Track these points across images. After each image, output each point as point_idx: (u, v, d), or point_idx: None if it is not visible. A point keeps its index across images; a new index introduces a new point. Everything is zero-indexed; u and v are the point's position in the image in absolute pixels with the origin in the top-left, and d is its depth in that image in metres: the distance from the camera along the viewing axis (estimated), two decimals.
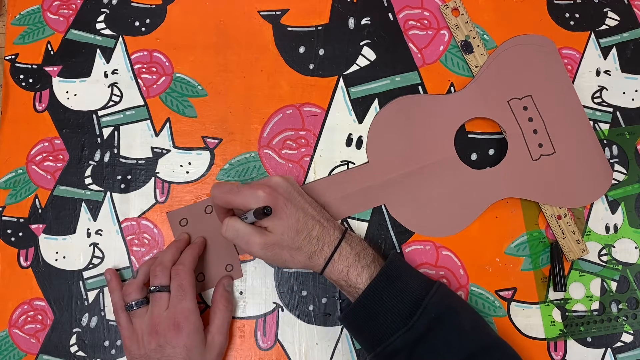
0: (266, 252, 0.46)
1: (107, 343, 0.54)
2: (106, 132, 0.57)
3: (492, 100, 0.55)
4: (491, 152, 0.55)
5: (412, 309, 0.44)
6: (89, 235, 0.56)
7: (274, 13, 0.58)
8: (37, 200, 0.56)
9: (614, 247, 0.54)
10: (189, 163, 0.56)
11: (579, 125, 0.54)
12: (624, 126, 0.55)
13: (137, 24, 0.59)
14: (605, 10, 0.57)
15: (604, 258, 0.54)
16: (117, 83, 0.58)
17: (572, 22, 0.57)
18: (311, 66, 0.57)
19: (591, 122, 0.55)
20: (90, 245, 0.55)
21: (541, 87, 0.55)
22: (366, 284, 0.46)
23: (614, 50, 0.57)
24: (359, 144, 0.56)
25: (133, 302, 0.49)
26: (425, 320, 0.44)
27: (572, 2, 0.58)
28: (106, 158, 0.57)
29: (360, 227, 0.55)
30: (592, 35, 0.57)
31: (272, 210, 0.43)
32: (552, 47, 0.56)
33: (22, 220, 0.56)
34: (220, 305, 0.51)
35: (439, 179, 0.54)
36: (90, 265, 0.55)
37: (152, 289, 0.49)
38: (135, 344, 0.49)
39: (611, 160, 0.55)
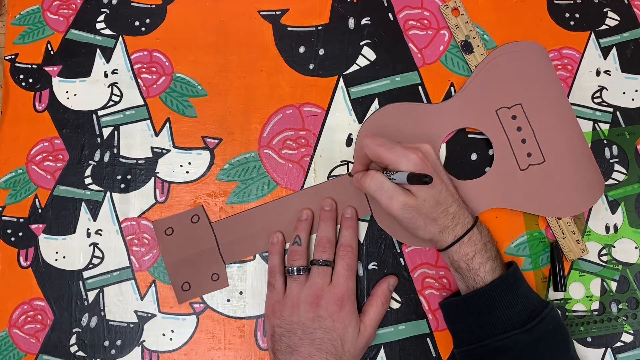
0: (404, 213, 0.47)
1: (107, 343, 0.54)
2: (106, 132, 0.57)
3: (480, 109, 0.54)
4: (491, 152, 0.55)
5: (531, 314, 0.46)
6: (88, 235, 0.56)
7: (274, 13, 0.58)
8: (37, 200, 0.56)
9: (614, 247, 0.54)
10: (189, 163, 0.56)
11: (571, 133, 0.54)
12: (624, 126, 0.55)
13: (137, 23, 0.59)
14: (605, 10, 0.57)
15: (604, 258, 0.54)
16: (117, 83, 0.58)
17: (572, 22, 0.57)
18: (311, 66, 0.57)
19: (591, 122, 0.55)
20: (90, 245, 0.55)
21: (532, 95, 0.54)
22: (488, 274, 0.47)
23: (614, 50, 0.57)
24: None
25: (296, 267, 0.51)
26: (542, 328, 0.45)
27: (572, 2, 0.58)
28: (106, 158, 0.57)
29: (361, 227, 0.55)
30: (592, 35, 0.57)
31: (432, 180, 0.43)
32: (543, 53, 0.55)
33: (22, 220, 0.56)
34: (379, 301, 0.52)
35: None
36: (90, 265, 0.55)
37: (318, 261, 0.51)
38: (288, 309, 0.50)
39: (611, 160, 0.55)
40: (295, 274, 0.51)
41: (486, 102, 0.55)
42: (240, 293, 0.55)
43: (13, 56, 0.59)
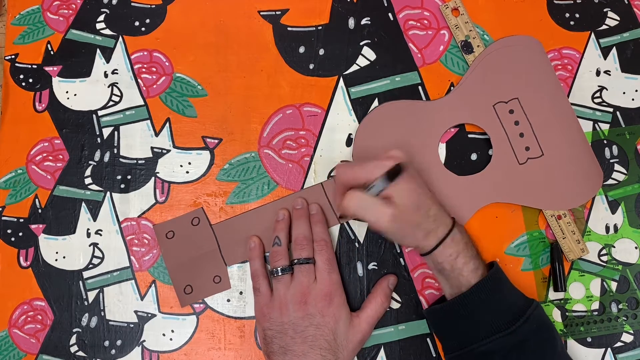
0: (393, 224, 0.46)
1: (107, 343, 0.54)
2: (106, 132, 0.57)
3: (477, 105, 0.55)
4: (491, 152, 0.55)
5: (515, 315, 0.45)
6: (88, 235, 0.56)
7: (274, 13, 0.58)
8: (37, 200, 0.56)
9: (614, 247, 0.54)
10: (189, 163, 0.56)
11: (568, 126, 0.54)
12: (624, 126, 0.55)
13: (137, 24, 0.59)
14: (605, 10, 0.57)
15: (604, 258, 0.54)
16: (117, 83, 0.58)
17: (572, 22, 0.57)
18: (311, 66, 0.57)
19: (591, 122, 0.55)
20: (90, 245, 0.55)
21: (528, 89, 0.54)
22: (471, 273, 0.47)
23: (614, 50, 0.57)
24: None
25: (280, 268, 0.50)
26: (527, 329, 0.45)
27: (572, 2, 0.58)
28: (106, 158, 0.57)
29: (361, 227, 0.55)
30: (592, 35, 0.57)
31: (402, 168, 0.42)
32: (539, 47, 0.55)
33: (22, 220, 0.56)
34: (378, 299, 0.52)
35: None
36: (90, 265, 0.55)
37: (300, 260, 0.50)
38: (277, 311, 0.49)
39: (611, 160, 0.55)
40: (280, 274, 0.50)
41: (483, 97, 0.55)
42: (240, 293, 0.54)
43: (13, 56, 0.59)
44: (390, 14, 0.58)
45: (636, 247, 0.54)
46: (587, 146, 0.54)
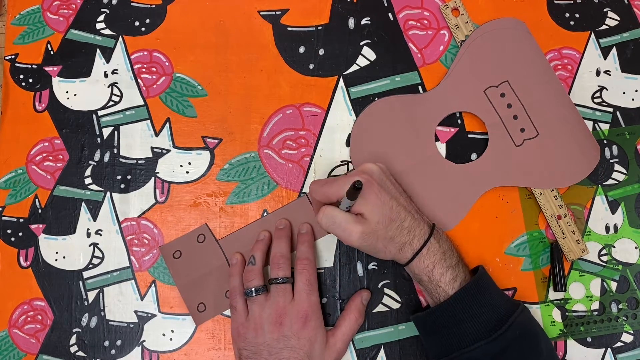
0: (363, 242, 0.46)
1: (107, 343, 0.54)
2: (106, 132, 0.57)
3: (467, 92, 0.55)
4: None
5: (498, 323, 0.45)
6: (88, 235, 0.56)
7: (274, 13, 0.58)
8: (37, 200, 0.56)
9: (614, 247, 0.54)
10: (189, 163, 0.56)
11: (560, 103, 0.54)
12: (624, 126, 0.55)
13: (137, 24, 0.59)
14: (605, 10, 0.57)
15: (604, 258, 0.54)
16: (117, 83, 0.58)
17: (572, 22, 0.57)
18: (311, 66, 0.57)
19: (591, 122, 0.55)
20: (90, 245, 0.55)
21: (517, 71, 0.55)
22: (449, 284, 0.47)
23: (614, 50, 0.57)
24: None
25: (254, 289, 0.49)
26: (509, 336, 0.45)
27: (572, 2, 0.58)
28: (106, 158, 0.57)
29: None
30: (592, 35, 0.57)
31: (362, 183, 0.43)
32: (523, 28, 0.55)
33: (22, 220, 0.56)
34: (352, 316, 0.51)
35: (425, 178, 0.54)
36: (90, 265, 0.55)
37: (277, 280, 0.49)
38: (252, 331, 0.49)
39: (611, 160, 0.55)
40: (254, 294, 0.49)
41: (473, 84, 0.55)
42: None
43: (13, 56, 0.59)
44: (390, 14, 0.58)
45: (636, 247, 0.54)
46: (580, 121, 0.54)
